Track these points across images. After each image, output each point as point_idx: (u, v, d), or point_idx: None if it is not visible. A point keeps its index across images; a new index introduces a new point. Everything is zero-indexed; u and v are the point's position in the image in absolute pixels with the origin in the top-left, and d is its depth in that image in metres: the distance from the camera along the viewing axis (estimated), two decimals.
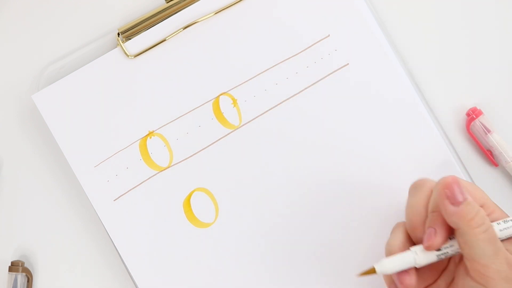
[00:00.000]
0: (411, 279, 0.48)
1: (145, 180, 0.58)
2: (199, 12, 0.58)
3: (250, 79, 0.58)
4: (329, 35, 0.58)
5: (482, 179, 0.58)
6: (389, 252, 0.49)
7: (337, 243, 0.57)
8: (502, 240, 0.47)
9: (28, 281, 0.58)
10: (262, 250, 0.57)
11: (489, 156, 0.58)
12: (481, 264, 0.46)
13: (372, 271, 0.48)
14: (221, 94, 0.58)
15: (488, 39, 0.60)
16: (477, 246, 0.46)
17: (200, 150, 0.58)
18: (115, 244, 0.58)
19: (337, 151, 0.58)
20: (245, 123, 0.58)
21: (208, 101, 0.58)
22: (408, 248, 0.48)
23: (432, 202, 0.48)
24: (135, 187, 0.58)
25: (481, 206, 0.47)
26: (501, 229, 0.47)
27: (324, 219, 0.57)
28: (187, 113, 0.58)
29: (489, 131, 0.58)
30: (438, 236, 0.47)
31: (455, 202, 0.46)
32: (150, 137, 0.58)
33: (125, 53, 0.58)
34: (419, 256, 0.47)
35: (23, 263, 0.58)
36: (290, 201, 0.58)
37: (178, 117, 0.58)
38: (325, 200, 0.57)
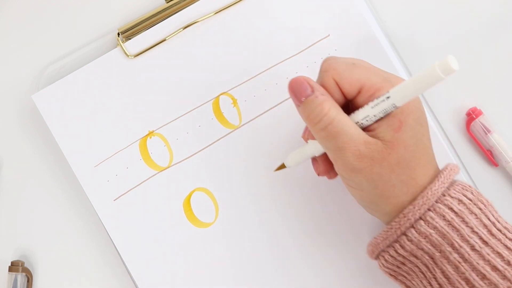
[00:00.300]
0: (318, 167, 0.52)
1: (145, 180, 0.58)
2: (199, 12, 0.58)
3: (250, 79, 0.58)
4: (329, 35, 0.58)
5: (482, 179, 0.58)
6: None
7: (339, 241, 0.57)
8: (380, 118, 0.47)
9: (28, 281, 0.58)
10: (263, 249, 0.57)
11: (489, 156, 0.58)
12: (331, 158, 0.48)
13: (283, 166, 0.55)
14: (221, 94, 0.58)
15: (488, 39, 0.60)
16: (320, 142, 0.48)
17: (200, 150, 0.58)
18: (115, 244, 0.58)
19: None
20: (245, 123, 0.58)
21: (208, 101, 0.58)
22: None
23: None
24: (135, 187, 0.58)
25: (361, 88, 0.47)
26: (372, 106, 0.46)
27: (325, 217, 0.57)
28: (187, 113, 0.58)
29: (489, 131, 0.58)
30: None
31: (298, 102, 0.48)
32: (150, 137, 0.58)
33: (125, 53, 0.58)
34: (315, 147, 0.50)
35: (23, 263, 0.58)
36: (291, 200, 0.58)
37: (178, 117, 0.58)
38: (326, 199, 0.57)
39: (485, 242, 0.45)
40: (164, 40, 0.58)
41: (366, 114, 0.47)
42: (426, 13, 0.60)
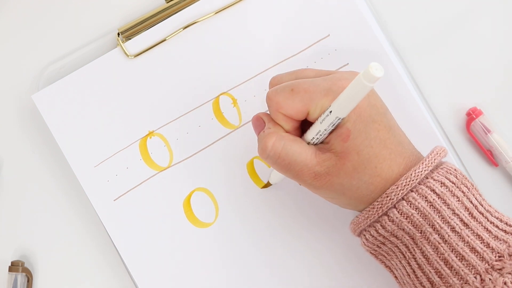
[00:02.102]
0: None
1: (145, 180, 0.58)
2: (199, 12, 0.58)
3: (250, 79, 0.58)
4: (329, 35, 0.58)
5: (482, 179, 0.58)
6: None
7: (337, 241, 0.57)
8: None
9: (28, 281, 0.58)
10: (262, 249, 0.57)
11: (489, 156, 0.58)
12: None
13: (268, 184, 0.57)
14: (221, 94, 0.58)
15: (488, 39, 0.60)
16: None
17: (200, 150, 0.58)
18: (115, 244, 0.58)
19: None
20: (245, 123, 0.58)
21: (208, 101, 0.58)
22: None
23: None
24: (135, 187, 0.58)
25: (308, 111, 0.48)
26: (320, 121, 0.47)
27: (324, 217, 0.57)
28: (187, 113, 0.58)
29: (489, 131, 0.58)
30: None
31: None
32: (150, 137, 0.58)
33: (125, 53, 0.58)
34: None
35: (23, 263, 0.58)
36: (291, 200, 0.58)
37: (178, 117, 0.58)
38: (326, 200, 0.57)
39: (466, 224, 0.46)
40: (164, 40, 0.58)
41: (317, 129, 0.48)
42: (426, 13, 0.60)
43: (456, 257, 0.46)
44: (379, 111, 0.48)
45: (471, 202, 0.47)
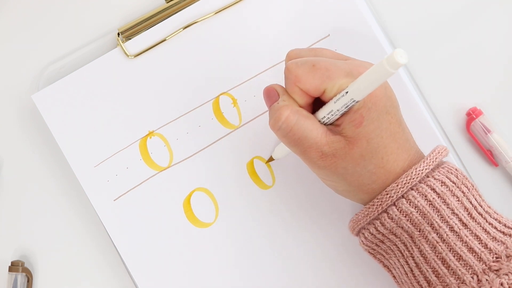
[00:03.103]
0: None
1: (145, 180, 0.58)
2: (199, 12, 0.58)
3: (250, 78, 0.58)
4: (329, 35, 0.58)
5: (482, 179, 0.58)
6: None
7: (338, 240, 0.57)
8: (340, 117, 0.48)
9: (28, 281, 0.58)
10: (262, 249, 0.57)
11: (489, 156, 0.58)
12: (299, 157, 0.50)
13: (271, 159, 0.57)
14: (221, 94, 0.58)
15: (489, 39, 0.60)
16: (286, 146, 0.50)
17: (200, 150, 0.58)
18: (115, 244, 0.58)
19: None
20: (245, 123, 0.58)
21: (208, 101, 0.58)
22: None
23: None
24: (135, 187, 0.58)
25: (325, 89, 0.48)
26: (335, 101, 0.47)
27: (325, 217, 0.57)
28: (187, 113, 0.58)
29: (489, 131, 0.58)
30: None
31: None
32: (150, 137, 0.58)
33: (125, 53, 0.58)
34: None
35: (23, 263, 0.58)
36: (291, 200, 0.58)
37: (178, 117, 0.58)
38: (327, 199, 0.57)
39: (465, 224, 0.46)
40: (164, 40, 0.58)
41: (330, 109, 0.48)
42: (426, 13, 0.60)
43: (454, 256, 0.46)
44: (394, 104, 0.49)
45: (470, 202, 0.48)
